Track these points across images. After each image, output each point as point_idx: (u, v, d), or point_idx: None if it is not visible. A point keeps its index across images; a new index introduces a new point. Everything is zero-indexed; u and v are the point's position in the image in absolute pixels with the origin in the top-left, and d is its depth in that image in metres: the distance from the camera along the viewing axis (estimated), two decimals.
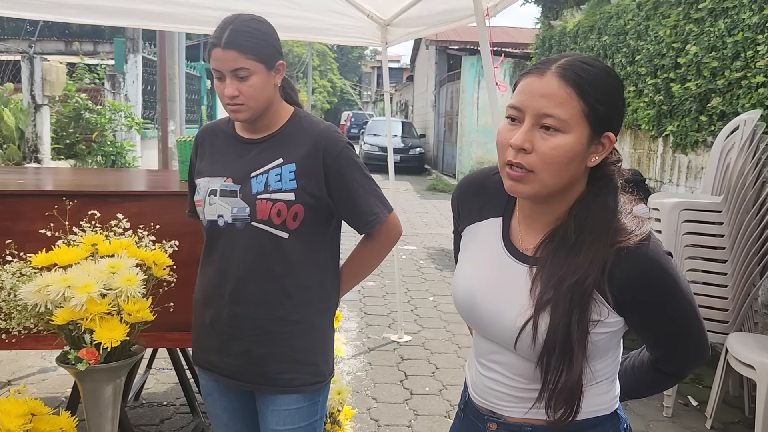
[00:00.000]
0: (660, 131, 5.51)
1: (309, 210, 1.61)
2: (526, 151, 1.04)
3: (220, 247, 1.65)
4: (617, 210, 1.10)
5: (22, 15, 3.89)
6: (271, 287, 1.62)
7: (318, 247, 1.67)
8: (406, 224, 9.68)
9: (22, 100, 7.85)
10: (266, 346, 1.64)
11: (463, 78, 15.20)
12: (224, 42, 1.54)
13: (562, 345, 1.05)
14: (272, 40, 1.61)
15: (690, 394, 3.77)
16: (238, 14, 1.61)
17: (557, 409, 1.09)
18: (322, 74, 49.59)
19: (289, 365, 1.65)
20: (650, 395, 1.35)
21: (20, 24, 16.13)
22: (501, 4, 2.90)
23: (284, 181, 1.60)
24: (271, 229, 1.60)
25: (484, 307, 1.15)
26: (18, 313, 1.87)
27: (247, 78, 1.56)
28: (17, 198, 2.32)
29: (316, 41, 4.78)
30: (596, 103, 1.04)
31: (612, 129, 1.08)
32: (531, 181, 1.05)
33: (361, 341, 4.59)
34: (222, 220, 1.63)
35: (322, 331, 1.71)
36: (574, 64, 1.04)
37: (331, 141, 1.64)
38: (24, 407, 1.84)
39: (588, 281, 1.05)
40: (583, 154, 1.06)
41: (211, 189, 1.64)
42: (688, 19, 4.97)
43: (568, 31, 7.99)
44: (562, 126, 1.02)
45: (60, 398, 3.40)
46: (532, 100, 1.04)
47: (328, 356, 1.73)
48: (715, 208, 3.51)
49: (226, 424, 1.78)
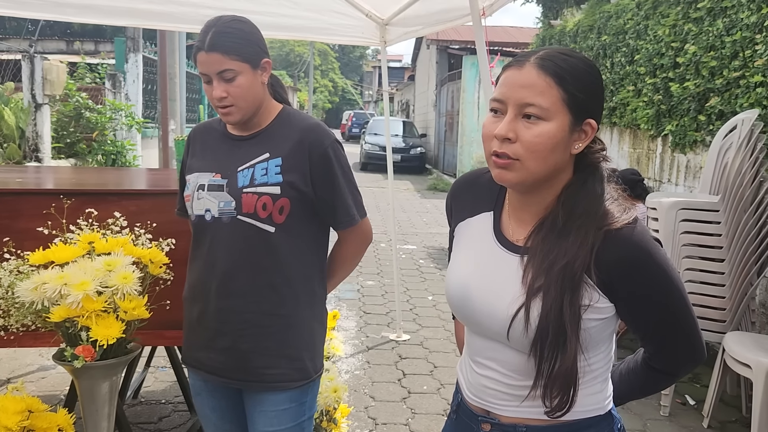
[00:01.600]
0: (659, 131, 5.51)
1: (295, 204, 1.62)
2: (510, 140, 1.06)
3: (207, 241, 1.65)
4: (604, 196, 1.12)
5: (24, 14, 3.91)
6: (257, 281, 1.63)
7: (305, 242, 1.68)
8: (406, 224, 9.69)
9: (23, 99, 7.87)
10: (252, 341, 1.64)
11: (464, 77, 15.20)
12: (207, 45, 1.55)
13: (554, 329, 1.06)
14: (255, 39, 1.62)
15: (687, 393, 3.78)
16: (219, 16, 1.61)
17: (553, 396, 1.09)
18: (324, 74, 49.64)
19: (275, 360, 1.65)
20: (646, 396, 1.34)
21: (22, 23, 16.14)
22: (497, 3, 2.91)
23: (270, 175, 1.61)
24: (257, 222, 1.60)
25: (476, 299, 1.16)
26: (16, 311, 1.88)
27: (234, 79, 1.56)
28: (16, 196, 2.34)
29: (316, 41, 4.78)
30: (575, 91, 1.06)
31: (593, 116, 1.10)
32: (517, 169, 1.08)
33: (359, 340, 4.60)
34: (209, 214, 1.63)
35: (308, 327, 1.70)
36: (552, 55, 1.08)
37: (317, 136, 1.65)
38: (21, 404, 1.85)
39: (578, 263, 1.06)
40: (566, 141, 1.08)
41: (200, 184, 1.66)
42: (687, 18, 4.98)
43: (568, 31, 7.99)
44: (543, 114, 1.05)
45: (59, 396, 3.41)
46: (513, 91, 1.07)
47: (314, 354, 1.72)
48: (713, 207, 3.51)
49: (215, 424, 1.78)
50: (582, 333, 1.08)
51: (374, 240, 5.89)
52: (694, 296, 3.46)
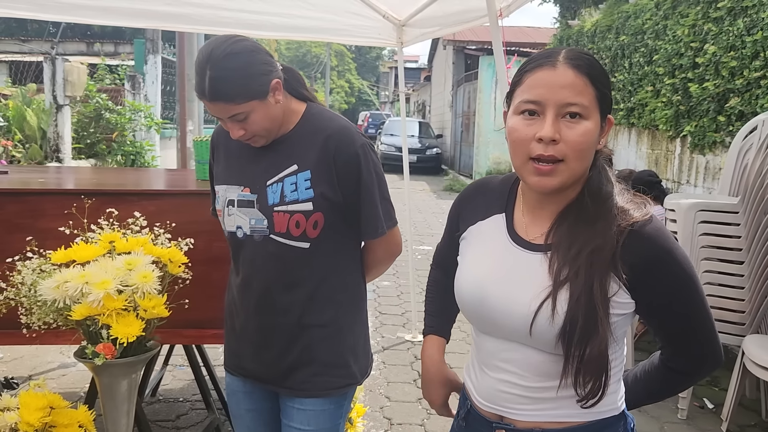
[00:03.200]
0: (678, 131, 5.46)
1: (329, 215, 1.55)
2: (555, 141, 1.06)
3: (242, 257, 1.62)
4: (611, 181, 1.16)
5: (45, 17, 3.96)
6: (295, 296, 1.59)
7: (342, 249, 1.63)
8: (422, 224, 9.68)
9: (45, 100, 7.99)
10: (295, 355, 1.61)
11: (481, 78, 15.16)
12: (208, 94, 1.44)
13: (585, 312, 1.05)
14: (255, 71, 1.46)
15: (705, 397, 3.74)
16: (210, 52, 1.44)
17: (586, 382, 1.08)
18: (340, 74, 49.72)
19: (320, 369, 1.61)
20: (662, 399, 1.32)
21: (43, 26, 16.36)
22: (514, 4, 2.90)
23: (300, 191, 1.54)
24: (290, 241, 1.55)
25: (493, 298, 1.15)
26: (38, 309, 1.91)
27: (246, 118, 1.48)
28: (38, 196, 2.38)
29: (333, 42, 4.80)
30: (603, 88, 1.10)
31: (610, 112, 1.15)
32: (561, 172, 1.08)
33: (375, 340, 4.61)
34: (241, 231, 1.59)
35: (352, 331, 1.66)
36: (579, 55, 1.10)
37: (342, 143, 1.55)
38: (43, 400, 1.88)
39: (607, 249, 1.07)
40: (598, 137, 1.11)
41: (229, 199, 1.61)
42: (706, 18, 4.93)
43: (586, 31, 7.94)
44: (585, 112, 1.07)
45: (79, 393, 3.46)
46: (553, 92, 1.07)
47: (358, 355, 1.68)
48: (732, 209, 3.47)
49: (248, 426, 1.76)
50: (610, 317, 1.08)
51: None
52: (714, 299, 3.43)
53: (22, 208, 2.37)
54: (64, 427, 1.89)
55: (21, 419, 1.82)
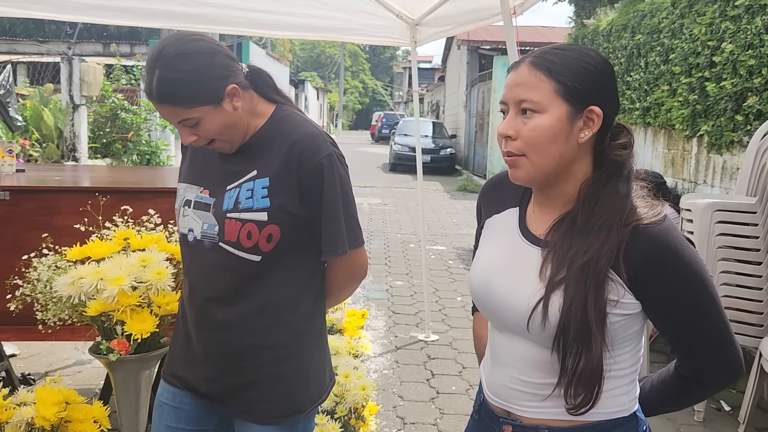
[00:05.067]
0: (694, 131, 5.40)
1: (286, 230, 1.40)
2: (511, 137, 1.12)
3: (190, 263, 1.50)
4: (629, 195, 1.12)
5: (62, 17, 4.01)
6: (240, 312, 1.44)
7: (299, 268, 1.47)
8: (436, 224, 9.67)
9: (61, 100, 8.08)
10: (237, 375, 1.47)
11: (495, 78, 15.11)
12: (156, 96, 1.32)
13: (577, 326, 1.05)
14: (209, 74, 1.34)
15: (723, 399, 3.69)
16: (161, 50, 1.32)
17: (577, 394, 1.08)
18: (354, 75, 49.86)
19: (263, 394, 1.47)
20: (679, 408, 1.30)
21: (60, 26, 16.56)
22: (528, 2, 2.89)
23: (255, 198, 1.40)
24: (240, 252, 1.40)
25: (498, 289, 1.17)
26: (54, 305, 1.94)
27: (198, 124, 1.36)
28: (54, 194, 2.41)
29: (347, 41, 4.80)
30: (567, 81, 1.09)
31: (596, 103, 1.10)
32: (524, 165, 1.12)
33: (388, 339, 4.61)
34: (192, 235, 1.46)
35: (303, 356, 1.50)
36: (545, 51, 1.13)
37: (307, 151, 1.40)
38: (59, 396, 1.90)
39: (602, 262, 1.06)
40: (566, 131, 1.10)
41: (186, 199, 1.49)
42: (723, 16, 4.87)
43: (601, 30, 7.88)
44: (537, 107, 1.09)
45: (94, 390, 3.49)
46: (510, 91, 1.13)
47: (309, 383, 1.52)
48: (750, 209, 3.43)
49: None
50: (607, 330, 1.07)
51: (403, 240, 5.80)
52: (731, 299, 3.39)
53: (38, 206, 2.39)
54: (79, 422, 1.91)
55: (37, 414, 1.84)
